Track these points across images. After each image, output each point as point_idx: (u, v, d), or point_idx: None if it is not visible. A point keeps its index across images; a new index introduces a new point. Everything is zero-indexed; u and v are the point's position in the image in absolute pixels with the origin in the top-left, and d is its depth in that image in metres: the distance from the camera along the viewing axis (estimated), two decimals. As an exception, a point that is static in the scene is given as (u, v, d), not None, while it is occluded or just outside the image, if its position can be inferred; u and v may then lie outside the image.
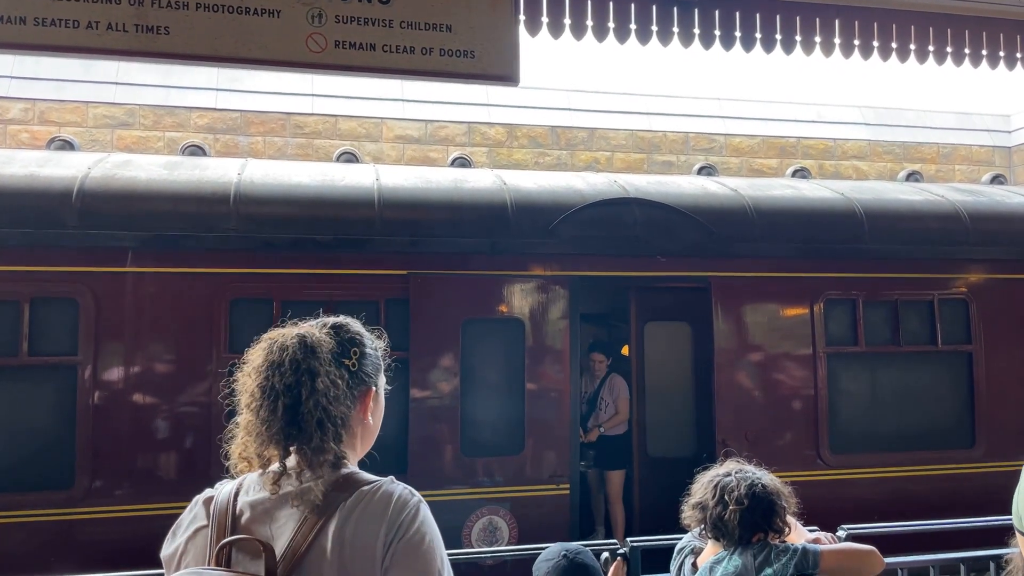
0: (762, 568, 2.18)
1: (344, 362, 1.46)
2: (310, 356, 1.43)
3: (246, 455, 1.45)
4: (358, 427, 1.50)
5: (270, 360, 1.44)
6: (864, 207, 5.97)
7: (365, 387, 1.50)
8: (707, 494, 2.29)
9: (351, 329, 1.53)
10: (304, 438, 1.40)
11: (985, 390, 5.87)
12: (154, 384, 4.71)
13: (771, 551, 2.21)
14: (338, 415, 1.42)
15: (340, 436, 1.43)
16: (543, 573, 2.14)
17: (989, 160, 11.47)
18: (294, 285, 4.93)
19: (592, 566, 2.10)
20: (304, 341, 1.45)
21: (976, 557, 2.93)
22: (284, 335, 1.47)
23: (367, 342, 1.55)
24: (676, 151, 10.74)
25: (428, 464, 5.02)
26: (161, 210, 4.88)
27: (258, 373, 1.44)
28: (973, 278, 6.00)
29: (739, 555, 2.21)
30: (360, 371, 1.50)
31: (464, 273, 5.22)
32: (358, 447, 1.53)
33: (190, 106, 9.46)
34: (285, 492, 1.39)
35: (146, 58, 4.40)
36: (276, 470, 1.41)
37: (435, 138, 10.01)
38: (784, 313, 5.70)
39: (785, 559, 2.17)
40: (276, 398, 1.41)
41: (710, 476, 2.35)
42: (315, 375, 1.41)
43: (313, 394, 1.40)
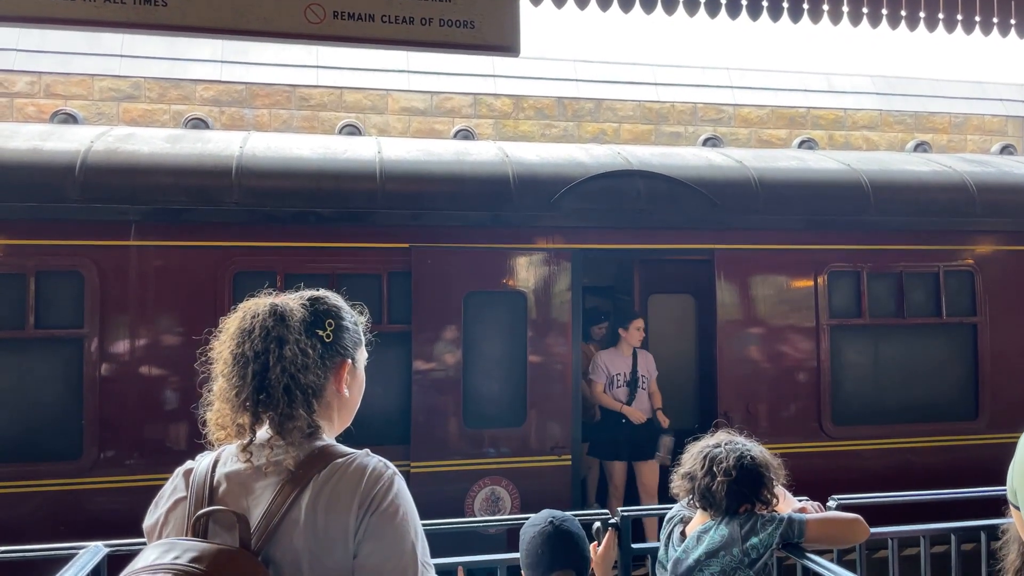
0: (748, 537, 2.20)
1: (318, 333, 1.48)
2: (279, 324, 1.45)
3: (222, 422, 1.47)
4: (334, 399, 1.52)
5: (242, 327, 1.47)
6: (870, 178, 5.92)
7: (340, 359, 1.51)
8: (696, 464, 2.31)
9: (328, 302, 1.55)
10: (272, 404, 1.42)
11: (989, 362, 5.86)
12: (159, 356, 4.77)
13: (757, 521, 2.24)
14: (308, 384, 1.44)
15: (312, 405, 1.45)
16: (529, 538, 2.17)
17: (1002, 130, 11.31)
18: (297, 258, 4.95)
19: (577, 533, 2.12)
20: (275, 310, 1.47)
21: (967, 527, 2.95)
22: (258, 304, 1.50)
23: (345, 316, 1.56)
24: (684, 122, 10.64)
25: (431, 435, 5.07)
26: (164, 183, 4.89)
27: (231, 340, 1.48)
28: (979, 249, 5.95)
29: (726, 525, 2.24)
30: (335, 343, 1.51)
31: (466, 246, 5.22)
32: (335, 420, 1.54)
33: (195, 78, 9.43)
34: (260, 464, 1.42)
35: (144, 30, 4.39)
36: (248, 442, 1.43)
37: (441, 110, 9.96)
38: (788, 285, 5.68)
39: (771, 528, 2.20)
40: (246, 364, 1.44)
41: (700, 447, 2.37)
42: (283, 343, 1.43)
43: (280, 361, 1.42)
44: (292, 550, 1.33)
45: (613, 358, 6.09)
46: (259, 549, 1.33)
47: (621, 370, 6.05)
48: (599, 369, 6.07)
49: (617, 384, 6.04)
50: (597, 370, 6.07)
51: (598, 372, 6.07)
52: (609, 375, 6.05)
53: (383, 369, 4.99)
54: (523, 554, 2.16)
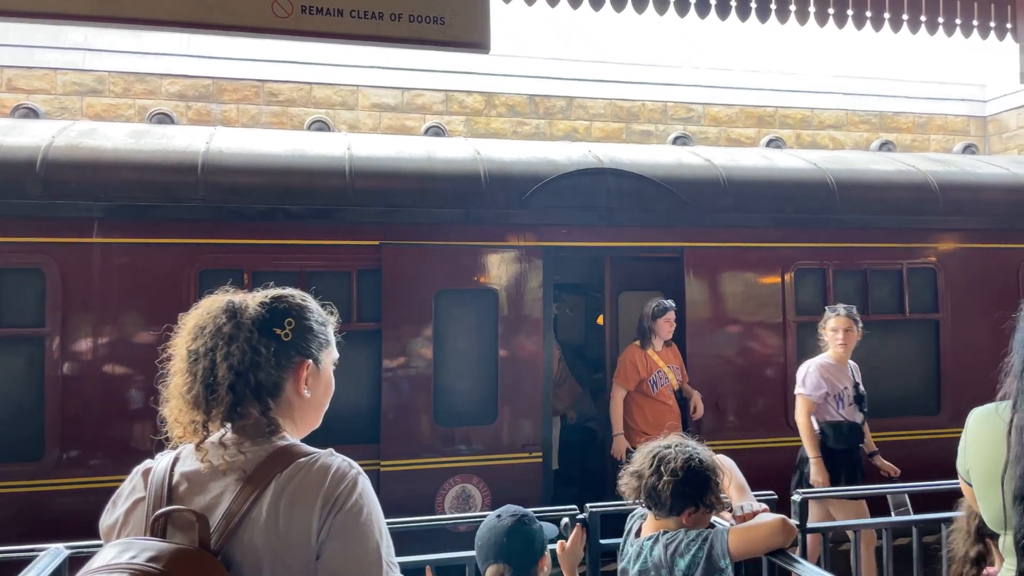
0: (674, 560, 2.22)
1: (275, 331, 1.46)
2: (230, 321, 1.44)
3: (179, 419, 1.46)
4: (295, 399, 1.50)
5: (197, 324, 1.47)
6: (835, 177, 6.00)
7: (300, 359, 1.49)
8: (645, 463, 2.32)
9: (290, 301, 1.53)
10: (219, 401, 1.41)
11: (951, 357, 5.98)
12: (123, 356, 4.69)
13: (681, 541, 2.25)
14: (258, 382, 1.42)
15: (266, 404, 1.44)
16: (480, 526, 2.18)
17: (964, 130, 11.54)
18: (264, 256, 4.89)
19: (520, 530, 2.11)
20: (228, 307, 1.47)
21: (928, 520, 3.01)
22: (215, 301, 1.49)
23: (310, 316, 1.54)
24: (654, 120, 10.71)
25: (401, 434, 5.05)
26: (127, 179, 4.81)
27: (187, 336, 1.47)
28: (942, 247, 6.07)
29: (660, 544, 2.25)
30: (294, 343, 1.49)
31: (437, 243, 5.20)
32: (297, 420, 1.52)
33: (161, 73, 9.28)
34: (220, 463, 1.40)
35: (107, 23, 4.31)
36: (202, 440, 1.42)
37: (412, 106, 9.91)
38: (756, 282, 5.75)
39: (695, 548, 2.22)
40: (196, 361, 1.44)
41: (651, 447, 2.38)
42: (232, 340, 1.42)
43: (227, 358, 1.41)
44: (253, 550, 1.32)
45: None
46: (219, 549, 1.31)
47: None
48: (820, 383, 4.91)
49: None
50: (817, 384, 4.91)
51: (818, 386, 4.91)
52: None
53: (352, 368, 4.96)
54: (475, 541, 2.19)
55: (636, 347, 5.57)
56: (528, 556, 2.11)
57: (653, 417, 5.43)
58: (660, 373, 5.49)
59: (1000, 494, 1.57)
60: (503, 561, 2.10)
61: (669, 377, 5.51)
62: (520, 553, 2.10)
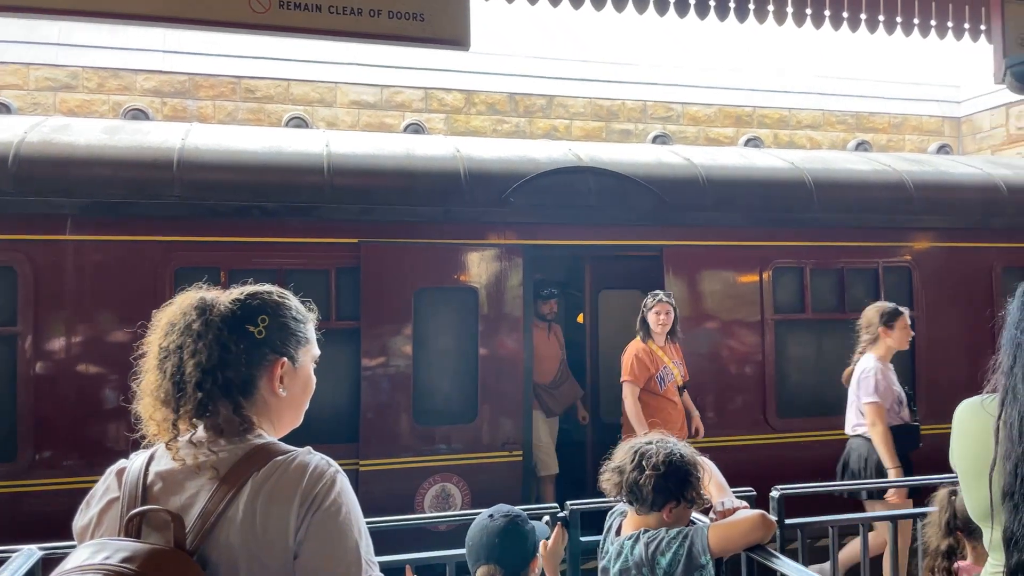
0: (655, 559, 2.23)
1: (247, 328, 1.44)
2: (199, 318, 1.42)
3: (152, 417, 1.44)
4: (270, 398, 1.47)
5: (169, 321, 1.45)
6: (813, 176, 6.05)
7: (274, 356, 1.47)
8: (626, 459, 2.33)
9: (265, 298, 1.50)
10: (186, 399, 1.39)
11: (925, 354, 6.05)
12: (97, 355, 4.62)
13: (662, 540, 2.26)
14: (228, 380, 1.40)
15: (238, 402, 1.42)
16: (471, 526, 2.16)
17: (939, 130, 11.69)
18: (241, 253, 4.84)
19: (514, 531, 2.09)
20: (199, 303, 1.44)
21: (903, 515, 3.04)
22: (187, 297, 1.47)
23: (286, 313, 1.51)
24: (634, 119, 10.74)
25: (380, 433, 5.02)
26: (101, 176, 4.73)
27: (159, 333, 1.45)
28: (916, 246, 6.14)
29: (642, 542, 2.26)
30: (268, 340, 1.46)
31: (417, 241, 5.18)
32: (274, 419, 1.50)
33: (136, 68, 9.16)
34: (195, 461, 1.38)
35: (83, 18, 4.24)
36: (173, 438, 1.40)
37: (391, 103, 9.86)
38: (734, 281, 5.78)
39: (676, 545, 2.23)
40: (166, 358, 1.42)
41: (632, 443, 2.39)
42: (201, 337, 1.40)
43: (194, 355, 1.40)
44: (229, 550, 1.30)
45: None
46: (194, 549, 1.29)
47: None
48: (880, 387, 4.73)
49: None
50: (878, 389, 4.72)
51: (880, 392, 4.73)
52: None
53: (331, 366, 4.91)
54: (465, 542, 2.17)
55: (639, 342, 5.32)
56: (520, 557, 2.09)
57: (660, 416, 5.16)
58: (666, 369, 5.28)
59: (987, 488, 1.58)
60: (494, 562, 2.07)
61: (674, 373, 5.32)
62: (512, 554, 2.08)
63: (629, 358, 5.25)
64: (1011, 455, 1.50)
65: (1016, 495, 1.49)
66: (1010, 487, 1.50)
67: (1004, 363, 1.57)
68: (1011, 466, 1.50)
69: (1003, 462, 1.52)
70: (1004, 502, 1.52)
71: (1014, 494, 1.49)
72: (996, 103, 11.00)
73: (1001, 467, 1.53)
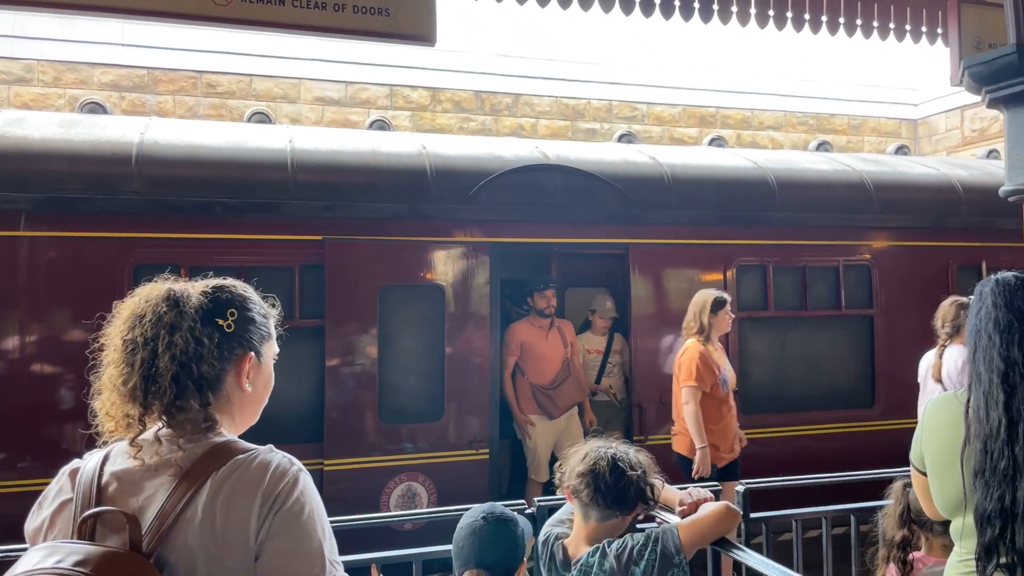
0: (628, 568, 2.17)
1: (217, 322, 1.40)
2: (172, 310, 1.38)
3: (111, 412, 1.39)
4: (234, 393, 1.44)
5: (135, 312, 1.40)
6: (776, 176, 6.14)
7: (242, 351, 1.44)
8: (602, 463, 2.27)
9: (233, 291, 1.47)
10: (160, 394, 1.35)
11: (884, 352, 6.17)
12: (52, 354, 4.50)
13: (632, 548, 2.20)
14: (200, 374, 1.37)
15: (206, 398, 1.38)
16: (459, 527, 2.10)
17: (896, 132, 11.95)
18: (202, 250, 4.75)
19: (503, 535, 2.04)
20: (170, 295, 1.40)
21: (864, 508, 3.10)
22: (154, 289, 1.43)
23: (252, 307, 1.48)
24: (600, 119, 10.80)
25: (345, 432, 4.97)
26: (57, 171, 4.61)
27: (123, 325, 1.40)
28: (875, 245, 6.26)
29: (609, 557, 2.20)
30: (237, 334, 1.43)
31: (382, 239, 5.14)
32: (236, 415, 1.46)
33: (93, 62, 8.95)
34: (153, 460, 1.34)
35: (39, 9, 4.12)
36: (137, 434, 1.36)
37: (356, 100, 9.78)
38: (698, 279, 5.83)
39: (648, 552, 2.18)
40: (135, 351, 1.37)
41: (591, 448, 2.34)
42: (175, 329, 1.36)
43: (170, 348, 1.35)
44: (187, 551, 1.26)
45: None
46: (151, 551, 1.26)
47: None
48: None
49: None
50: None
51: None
52: None
53: (295, 365, 4.86)
54: (452, 542, 2.12)
55: (699, 344, 4.90)
56: (509, 562, 2.03)
57: (723, 422, 4.93)
58: (725, 371, 4.99)
59: (959, 473, 1.63)
60: (484, 568, 2.03)
61: (731, 376, 5.06)
62: (501, 559, 2.01)
63: (692, 360, 4.85)
64: (980, 434, 1.57)
65: (987, 472, 1.55)
66: (981, 465, 1.57)
67: (968, 352, 1.64)
68: (980, 444, 1.57)
69: (974, 442, 1.58)
70: (976, 480, 1.58)
71: (985, 471, 1.55)
72: (951, 106, 11.27)
73: (972, 446, 1.59)
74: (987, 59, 3.52)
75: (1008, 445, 1.53)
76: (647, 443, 5.49)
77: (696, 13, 5.26)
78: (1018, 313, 1.58)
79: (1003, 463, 1.53)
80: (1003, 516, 1.53)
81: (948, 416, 1.73)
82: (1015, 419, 1.53)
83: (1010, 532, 1.52)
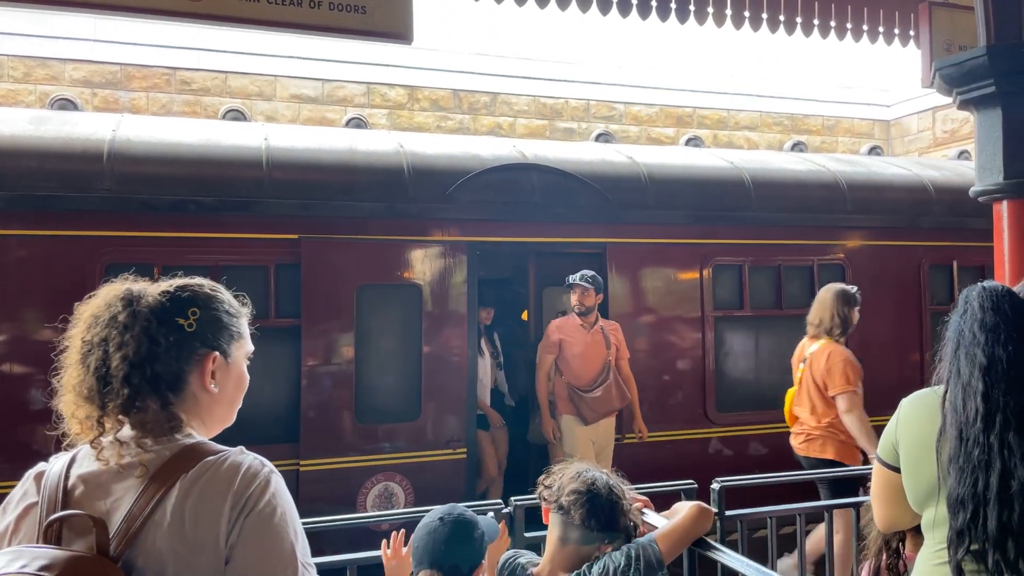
0: None
1: (178, 321, 1.38)
2: (126, 310, 1.36)
3: (75, 415, 1.37)
4: (201, 394, 1.42)
5: (93, 313, 1.39)
6: (752, 176, 6.18)
7: (205, 350, 1.41)
8: (599, 486, 2.20)
9: (196, 290, 1.44)
10: (113, 394, 1.33)
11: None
12: (21, 356, 4.42)
13: (616, 569, 2.14)
14: (156, 374, 1.35)
15: (166, 398, 1.36)
16: (418, 527, 2.10)
17: (869, 132, 12.10)
18: (176, 249, 4.69)
19: (454, 536, 2.02)
20: (126, 294, 1.38)
21: (839, 505, 3.14)
22: (112, 289, 1.41)
23: (219, 306, 1.45)
24: (578, 118, 10.82)
25: (322, 432, 4.93)
26: (27, 168, 4.53)
27: (82, 326, 1.39)
28: (849, 244, 6.33)
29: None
30: (199, 333, 1.40)
31: (359, 238, 5.10)
32: (205, 417, 1.44)
33: (65, 58, 8.81)
34: (120, 462, 1.32)
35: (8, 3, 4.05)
36: (97, 436, 1.33)
37: (332, 98, 9.71)
38: (675, 278, 5.86)
39: (631, 572, 2.13)
40: (90, 352, 1.36)
41: (579, 470, 2.29)
42: (128, 329, 1.35)
43: (121, 348, 1.34)
44: (156, 555, 1.24)
45: None
46: (118, 555, 1.23)
47: None
48: None
49: None
50: None
51: None
52: None
53: (271, 365, 4.82)
54: (411, 541, 2.11)
55: (842, 344, 4.65)
56: (464, 564, 2.02)
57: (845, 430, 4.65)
58: None
59: (934, 463, 1.67)
60: (437, 568, 2.02)
61: None
62: (456, 560, 2.01)
63: (843, 363, 4.53)
64: (956, 423, 1.61)
65: (961, 458, 1.59)
66: (955, 451, 1.61)
67: (949, 349, 1.69)
68: (955, 432, 1.61)
69: (949, 431, 1.62)
70: (950, 467, 1.60)
71: (959, 457, 1.60)
72: (924, 107, 11.43)
73: (948, 434, 1.63)
74: (957, 61, 3.57)
75: (984, 433, 1.57)
76: (623, 441, 5.52)
77: (672, 14, 5.30)
78: (1004, 316, 1.63)
79: (977, 451, 1.57)
80: (975, 500, 1.56)
81: (925, 407, 1.78)
82: (992, 409, 1.57)
83: (982, 517, 1.55)
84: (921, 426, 1.76)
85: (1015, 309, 1.64)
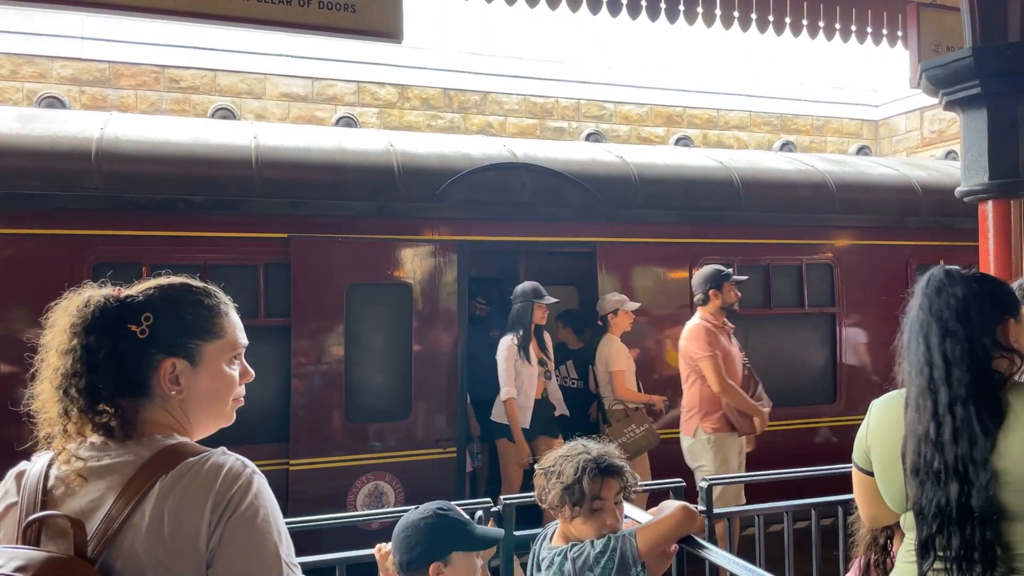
0: (583, 574, 2.18)
1: (130, 328, 1.36)
2: (77, 316, 1.36)
3: (48, 419, 1.38)
4: (170, 397, 1.39)
5: (55, 319, 1.40)
6: (740, 175, 6.21)
7: (161, 356, 1.38)
8: (567, 465, 2.27)
9: (152, 296, 1.41)
10: (72, 399, 1.34)
11: (847, 349, 6.28)
12: (7, 355, 4.39)
13: (588, 555, 2.20)
14: (115, 381, 1.34)
15: (134, 403, 1.35)
16: (398, 532, 2.09)
17: (858, 132, 12.16)
18: (165, 248, 4.67)
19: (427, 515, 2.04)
20: (82, 303, 1.38)
21: (826, 503, 3.16)
22: (76, 296, 1.40)
23: (181, 310, 1.41)
24: (568, 118, 10.83)
25: (311, 432, 4.92)
26: (13, 166, 4.50)
27: (49, 331, 1.40)
28: (838, 244, 6.37)
29: (568, 561, 2.20)
30: (153, 338, 1.37)
31: (349, 237, 5.10)
32: (181, 419, 1.41)
33: (52, 55, 8.74)
34: (100, 464, 1.31)
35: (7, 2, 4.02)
36: (79, 442, 1.33)
37: (322, 97, 9.68)
38: (665, 277, 5.89)
39: (604, 560, 2.17)
40: (55, 358, 1.37)
41: (570, 453, 2.33)
42: (84, 337, 1.35)
43: (80, 356, 1.34)
44: (134, 558, 1.23)
45: None
46: (96, 557, 1.22)
47: None
48: None
49: None
50: None
51: None
52: None
53: (260, 365, 4.78)
54: None
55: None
56: (416, 555, 1.99)
57: None
58: None
59: (902, 471, 1.67)
60: (396, 551, 2.04)
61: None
62: (407, 552, 2.00)
63: None
64: (915, 432, 1.61)
65: (920, 472, 1.59)
66: (915, 464, 1.60)
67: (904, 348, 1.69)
68: (913, 444, 1.60)
69: (911, 439, 1.62)
70: (913, 478, 1.61)
71: (919, 471, 1.59)
72: (911, 107, 11.50)
73: (909, 444, 1.64)
74: (943, 62, 3.60)
75: (936, 447, 1.57)
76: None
77: (662, 14, 5.31)
78: (939, 316, 1.64)
79: (935, 462, 1.57)
80: (937, 516, 1.57)
81: (893, 413, 1.77)
82: (940, 423, 1.58)
83: (946, 534, 1.55)
84: (889, 431, 1.76)
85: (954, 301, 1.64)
